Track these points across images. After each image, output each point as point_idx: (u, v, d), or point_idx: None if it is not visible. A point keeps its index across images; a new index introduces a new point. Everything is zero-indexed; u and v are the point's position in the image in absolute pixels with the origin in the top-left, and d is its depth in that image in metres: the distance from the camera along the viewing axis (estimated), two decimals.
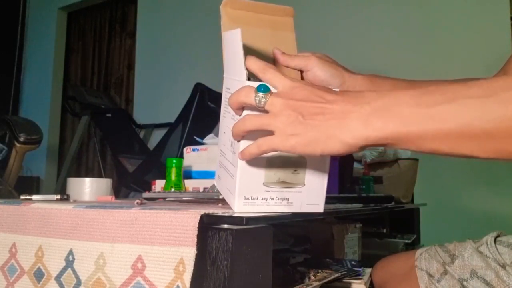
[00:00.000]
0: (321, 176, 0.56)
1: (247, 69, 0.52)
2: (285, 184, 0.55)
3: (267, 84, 0.49)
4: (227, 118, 0.58)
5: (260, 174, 0.53)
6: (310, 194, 0.56)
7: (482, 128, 0.41)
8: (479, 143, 0.42)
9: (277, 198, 0.55)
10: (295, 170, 0.55)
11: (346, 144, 0.46)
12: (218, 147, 0.64)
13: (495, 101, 0.41)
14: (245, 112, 0.51)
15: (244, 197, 0.53)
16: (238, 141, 0.52)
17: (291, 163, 0.54)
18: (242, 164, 0.52)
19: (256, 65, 0.51)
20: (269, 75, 0.50)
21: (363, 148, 0.47)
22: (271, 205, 0.55)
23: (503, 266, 0.74)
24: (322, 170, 0.56)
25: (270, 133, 0.48)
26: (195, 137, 1.14)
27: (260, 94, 0.48)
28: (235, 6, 0.63)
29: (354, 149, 0.46)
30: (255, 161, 0.53)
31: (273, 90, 0.49)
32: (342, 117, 0.46)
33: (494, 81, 0.43)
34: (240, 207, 0.53)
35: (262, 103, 0.48)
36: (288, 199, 0.55)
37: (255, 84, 0.49)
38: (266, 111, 0.49)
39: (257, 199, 0.54)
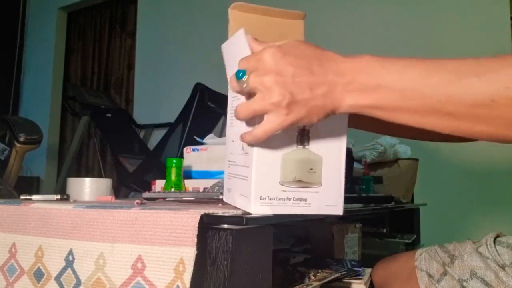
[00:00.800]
0: (337, 175, 0.55)
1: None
2: (301, 183, 0.53)
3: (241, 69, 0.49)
4: (235, 127, 0.57)
5: (275, 172, 0.52)
6: (328, 195, 0.54)
7: (447, 110, 0.46)
8: (445, 125, 0.47)
9: (294, 199, 0.53)
10: (311, 169, 0.53)
11: (332, 111, 0.49)
12: (225, 159, 0.62)
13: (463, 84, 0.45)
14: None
15: (261, 197, 0.51)
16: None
17: (306, 161, 0.53)
18: (256, 163, 0.51)
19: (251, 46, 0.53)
20: (246, 61, 0.50)
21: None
22: (289, 206, 0.53)
23: (503, 267, 0.74)
24: (338, 169, 0.55)
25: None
26: (195, 137, 1.14)
27: (242, 78, 0.49)
28: (244, 9, 0.62)
29: (338, 113, 0.50)
30: (269, 160, 0.52)
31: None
32: (327, 89, 0.48)
33: (469, 64, 0.46)
34: (257, 208, 0.51)
35: (245, 85, 0.49)
36: (306, 200, 0.53)
37: None
38: (253, 94, 0.49)
39: (274, 199, 0.52)
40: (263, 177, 0.51)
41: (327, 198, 0.54)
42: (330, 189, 0.54)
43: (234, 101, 0.57)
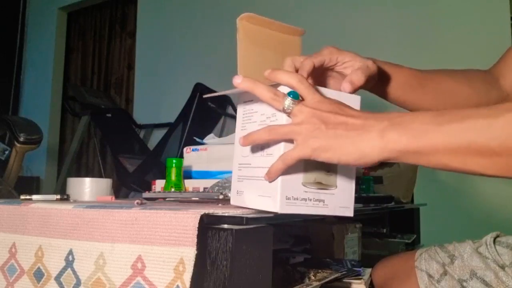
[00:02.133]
0: (350, 179, 0.58)
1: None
2: (320, 185, 0.55)
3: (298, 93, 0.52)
4: (247, 131, 0.58)
5: (299, 173, 0.54)
6: (342, 197, 0.57)
7: (488, 146, 0.45)
8: (486, 160, 0.46)
9: (314, 200, 0.55)
10: (328, 172, 0.56)
11: (362, 153, 0.49)
12: (235, 162, 0.62)
13: (501, 121, 0.45)
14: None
15: (286, 196, 0.53)
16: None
17: (325, 164, 0.54)
18: None
19: (293, 77, 0.54)
20: (304, 86, 0.53)
21: (378, 161, 0.49)
22: (310, 206, 0.55)
23: (502, 267, 0.74)
24: (351, 173, 0.58)
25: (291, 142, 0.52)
26: (195, 137, 1.14)
27: (290, 99, 0.52)
28: (252, 21, 0.65)
29: (369, 160, 0.49)
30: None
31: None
32: (362, 130, 0.49)
33: (501, 104, 0.47)
34: (283, 207, 0.53)
35: (290, 108, 0.52)
36: (323, 201, 0.56)
37: (286, 89, 0.53)
38: (289, 117, 0.53)
39: (297, 199, 0.54)
40: (289, 177, 0.53)
41: (341, 200, 0.57)
42: (343, 191, 0.57)
43: (247, 111, 0.60)
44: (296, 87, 0.53)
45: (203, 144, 1.08)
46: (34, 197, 0.74)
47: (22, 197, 0.74)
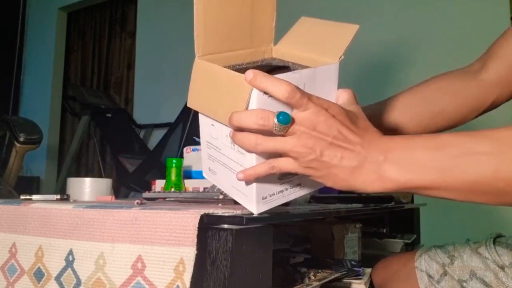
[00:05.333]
0: None
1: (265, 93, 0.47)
2: (296, 173, 0.53)
3: (287, 113, 0.46)
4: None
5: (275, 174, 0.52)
6: None
7: (494, 185, 0.44)
8: (491, 197, 0.46)
9: (291, 187, 0.55)
10: None
11: (356, 187, 0.48)
12: (202, 138, 0.59)
13: (505, 159, 0.43)
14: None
15: (263, 197, 0.52)
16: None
17: None
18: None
19: (283, 86, 0.45)
20: (295, 99, 0.46)
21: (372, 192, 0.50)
22: (287, 195, 0.55)
23: (502, 268, 0.74)
24: None
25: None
26: (195, 137, 1.14)
27: (278, 124, 0.45)
28: None
29: (363, 191, 0.49)
30: (267, 158, 0.51)
31: (293, 113, 0.46)
32: (357, 164, 0.47)
33: (502, 136, 0.45)
34: (260, 208, 0.52)
35: (282, 132, 0.46)
36: (300, 184, 0.56)
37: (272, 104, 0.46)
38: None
39: (274, 194, 0.53)
40: (263, 178, 0.51)
41: None
42: None
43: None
44: (286, 101, 0.46)
45: None
46: (34, 197, 0.74)
47: (22, 197, 0.74)
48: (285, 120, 0.45)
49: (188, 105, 0.57)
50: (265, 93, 0.47)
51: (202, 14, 0.54)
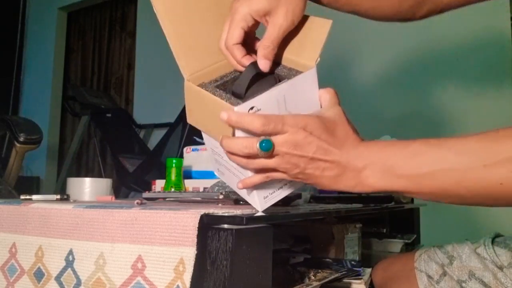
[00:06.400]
0: None
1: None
2: None
3: (269, 139, 0.50)
4: None
5: None
6: None
7: (456, 192, 0.51)
8: (456, 200, 0.53)
9: (289, 181, 0.58)
10: None
11: (341, 189, 0.54)
12: (207, 143, 0.63)
13: (466, 172, 0.49)
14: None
15: (264, 197, 0.57)
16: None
17: None
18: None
19: (254, 122, 0.49)
20: (270, 128, 0.50)
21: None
22: (286, 189, 0.59)
23: (501, 268, 0.74)
24: None
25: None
26: (195, 137, 1.14)
27: (262, 152, 0.50)
28: None
29: (348, 192, 0.55)
30: None
31: (274, 138, 0.50)
32: (338, 173, 0.52)
33: (467, 149, 0.50)
34: (263, 206, 0.57)
35: (267, 156, 0.51)
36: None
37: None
38: None
39: (274, 191, 0.57)
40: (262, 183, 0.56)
41: None
42: None
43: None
44: (262, 133, 0.50)
45: (203, 144, 1.08)
46: (34, 197, 0.74)
47: (22, 197, 0.74)
48: (267, 147, 0.50)
49: (188, 122, 0.61)
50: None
51: (175, 38, 0.57)
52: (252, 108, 0.51)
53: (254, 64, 0.56)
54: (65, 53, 4.20)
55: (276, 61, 0.60)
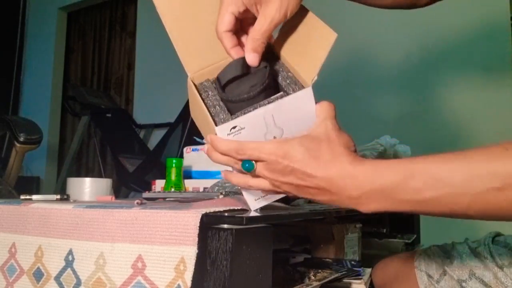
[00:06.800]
0: None
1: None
2: None
3: (251, 161, 0.50)
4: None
5: None
6: None
7: (465, 214, 0.47)
8: (461, 217, 0.48)
9: None
10: None
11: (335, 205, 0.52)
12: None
13: (477, 196, 0.45)
14: None
15: (255, 199, 0.57)
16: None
17: None
18: None
19: (229, 150, 0.50)
20: (246, 157, 0.50)
21: None
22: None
23: (501, 267, 0.74)
24: None
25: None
26: (195, 137, 1.14)
27: (248, 171, 0.50)
28: None
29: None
30: None
31: (255, 163, 0.50)
32: (332, 198, 0.50)
33: (478, 171, 0.45)
34: (254, 206, 0.57)
35: (251, 174, 0.51)
36: None
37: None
38: None
39: (266, 194, 0.57)
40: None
41: None
42: None
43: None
44: (239, 157, 0.50)
45: (203, 144, 1.08)
46: (34, 197, 0.74)
47: (22, 197, 0.74)
48: (249, 168, 0.50)
49: (191, 115, 0.62)
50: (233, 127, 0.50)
51: (178, 36, 0.57)
52: (234, 127, 0.49)
53: (242, 60, 0.54)
54: (65, 53, 4.20)
55: (271, 51, 0.58)
